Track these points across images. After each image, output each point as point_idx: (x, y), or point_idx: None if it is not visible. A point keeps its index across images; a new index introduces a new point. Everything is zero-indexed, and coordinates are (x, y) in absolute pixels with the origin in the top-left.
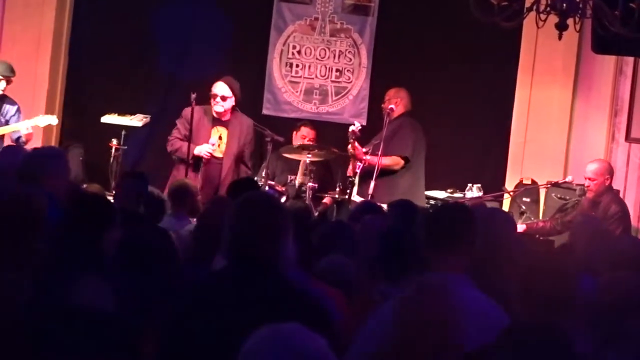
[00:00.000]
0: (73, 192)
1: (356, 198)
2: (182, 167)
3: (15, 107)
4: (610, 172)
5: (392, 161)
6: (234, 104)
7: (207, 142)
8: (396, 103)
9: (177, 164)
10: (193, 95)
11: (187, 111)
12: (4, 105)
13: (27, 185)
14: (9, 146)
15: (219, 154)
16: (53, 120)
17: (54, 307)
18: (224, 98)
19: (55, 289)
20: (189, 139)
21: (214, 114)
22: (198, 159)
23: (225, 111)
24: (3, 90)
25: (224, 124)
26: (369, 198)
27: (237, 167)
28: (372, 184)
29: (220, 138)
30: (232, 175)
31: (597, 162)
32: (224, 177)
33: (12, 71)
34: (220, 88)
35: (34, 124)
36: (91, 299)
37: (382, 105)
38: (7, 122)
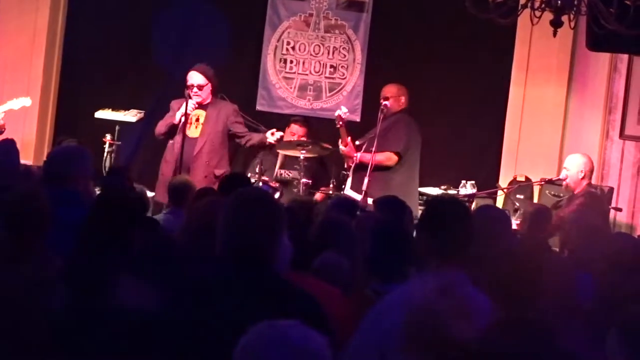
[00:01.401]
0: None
1: (349, 192)
2: (171, 142)
3: None
4: (586, 166)
5: (385, 157)
6: (211, 89)
7: (186, 126)
8: (393, 99)
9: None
10: (187, 92)
11: (174, 102)
12: None
13: (51, 186)
14: (5, 141)
15: (195, 134)
16: (27, 102)
17: (92, 309)
18: (200, 87)
19: (91, 290)
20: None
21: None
22: (180, 134)
23: (203, 100)
24: None
25: (203, 107)
26: (363, 194)
27: (217, 147)
28: (366, 180)
29: (197, 120)
30: (207, 154)
31: (578, 154)
32: (195, 153)
33: None
34: (195, 78)
35: (7, 109)
36: (129, 299)
37: (380, 101)
38: None
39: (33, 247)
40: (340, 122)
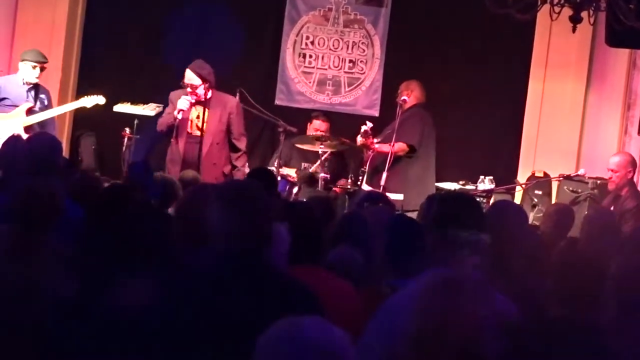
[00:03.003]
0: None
1: (366, 188)
2: (174, 141)
3: (48, 97)
4: (633, 165)
5: (398, 147)
6: (206, 87)
7: (186, 122)
8: (408, 95)
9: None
10: (182, 83)
11: (172, 94)
12: (40, 94)
13: (46, 178)
14: (14, 136)
15: (198, 132)
16: (100, 100)
17: (96, 307)
18: (194, 87)
19: (96, 287)
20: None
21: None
22: (182, 133)
23: (198, 97)
24: (37, 78)
25: (203, 104)
26: (381, 189)
27: (222, 146)
28: (385, 175)
29: (198, 117)
30: (215, 155)
31: (620, 154)
32: (204, 155)
33: (45, 57)
34: (188, 76)
35: (80, 105)
36: (132, 298)
37: (396, 100)
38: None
39: (44, 239)
40: (366, 137)
